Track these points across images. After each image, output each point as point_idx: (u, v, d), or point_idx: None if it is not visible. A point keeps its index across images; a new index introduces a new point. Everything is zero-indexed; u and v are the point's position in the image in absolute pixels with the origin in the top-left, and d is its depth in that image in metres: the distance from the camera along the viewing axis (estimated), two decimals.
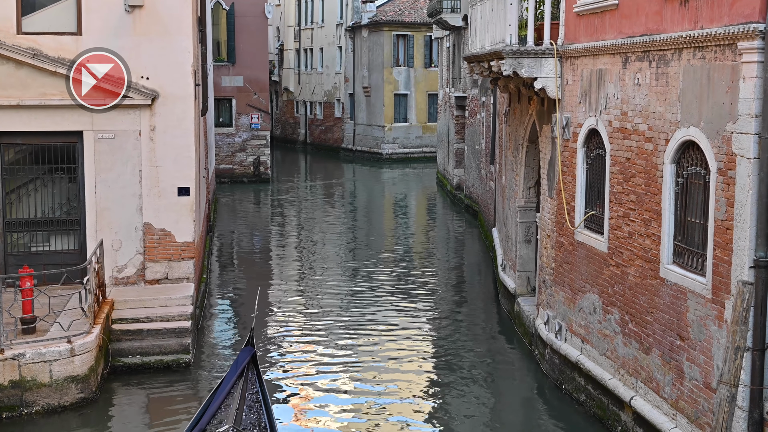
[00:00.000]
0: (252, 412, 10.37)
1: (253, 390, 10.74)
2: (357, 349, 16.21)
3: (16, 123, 15.71)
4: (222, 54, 40.55)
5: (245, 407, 10.36)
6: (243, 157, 41.44)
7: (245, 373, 10.83)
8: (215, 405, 10.43)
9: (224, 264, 24.34)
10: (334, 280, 21.97)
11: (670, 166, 10.73)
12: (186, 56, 16.45)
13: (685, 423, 10.40)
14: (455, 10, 34.06)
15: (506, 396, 14.41)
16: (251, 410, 10.40)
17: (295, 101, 61.98)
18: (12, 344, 12.83)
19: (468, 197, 32.19)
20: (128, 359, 14.71)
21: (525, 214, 17.19)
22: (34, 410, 12.80)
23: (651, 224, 11.20)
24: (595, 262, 12.93)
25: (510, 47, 14.10)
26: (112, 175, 16.11)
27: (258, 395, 10.70)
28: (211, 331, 17.48)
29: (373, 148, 52.37)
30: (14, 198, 16.28)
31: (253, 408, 10.46)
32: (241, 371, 10.82)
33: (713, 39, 9.58)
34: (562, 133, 14.02)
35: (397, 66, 51.49)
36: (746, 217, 9.12)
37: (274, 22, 59.87)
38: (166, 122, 16.28)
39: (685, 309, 10.38)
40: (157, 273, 16.45)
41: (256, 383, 10.87)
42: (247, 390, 10.67)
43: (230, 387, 10.66)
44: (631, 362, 11.80)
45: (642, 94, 11.37)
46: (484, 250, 24.91)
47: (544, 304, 15.11)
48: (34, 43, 15.68)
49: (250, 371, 10.96)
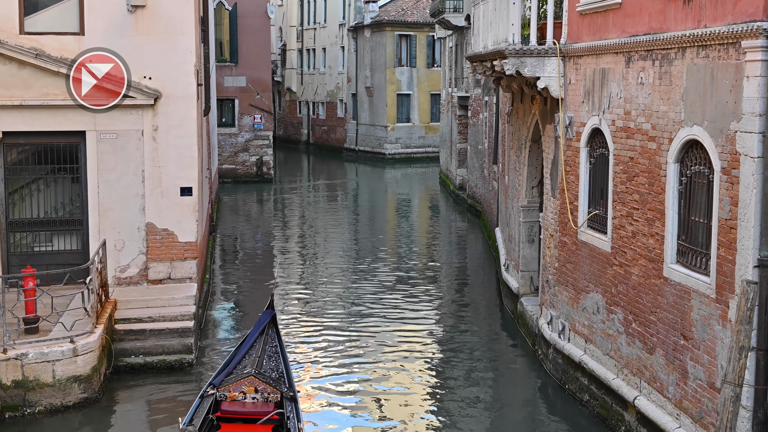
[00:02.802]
0: (271, 360, 12.03)
1: (272, 344, 12.44)
2: (360, 348, 16.19)
3: (18, 123, 15.71)
4: (225, 54, 40.55)
5: (265, 356, 12.03)
6: (246, 158, 41.45)
7: (266, 330, 12.55)
8: (240, 356, 12.06)
9: (227, 264, 24.33)
10: (336, 280, 21.95)
11: (673, 166, 10.71)
12: (188, 56, 16.44)
13: (689, 423, 10.37)
14: (458, 9, 34.04)
15: (509, 396, 14.38)
16: (270, 359, 12.07)
17: (297, 101, 61.99)
18: (15, 344, 12.83)
19: (471, 197, 32.16)
20: (131, 359, 14.72)
21: (528, 213, 17.17)
22: (37, 410, 12.80)
23: (654, 224, 11.17)
24: (598, 262, 12.90)
25: (513, 46, 14.08)
26: (115, 175, 16.11)
27: (277, 348, 12.42)
28: (214, 331, 17.47)
29: (375, 148, 52.36)
30: (17, 198, 16.28)
31: (272, 357, 12.14)
32: (262, 329, 12.52)
33: (717, 38, 9.55)
34: (565, 132, 13.99)
35: (399, 66, 51.48)
36: (750, 216, 9.09)
37: (277, 22, 59.86)
38: (169, 122, 16.28)
39: (688, 308, 10.35)
40: (160, 273, 16.45)
41: (276, 339, 12.58)
42: (267, 344, 12.35)
43: (253, 341, 12.32)
44: (634, 362, 11.77)
45: (645, 93, 11.35)
46: (487, 250, 24.89)
47: (547, 303, 15.09)
48: (37, 43, 15.69)
49: (270, 329, 12.68)
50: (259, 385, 11.28)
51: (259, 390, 11.25)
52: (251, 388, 11.21)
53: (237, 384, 11.29)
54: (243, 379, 11.31)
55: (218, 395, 11.24)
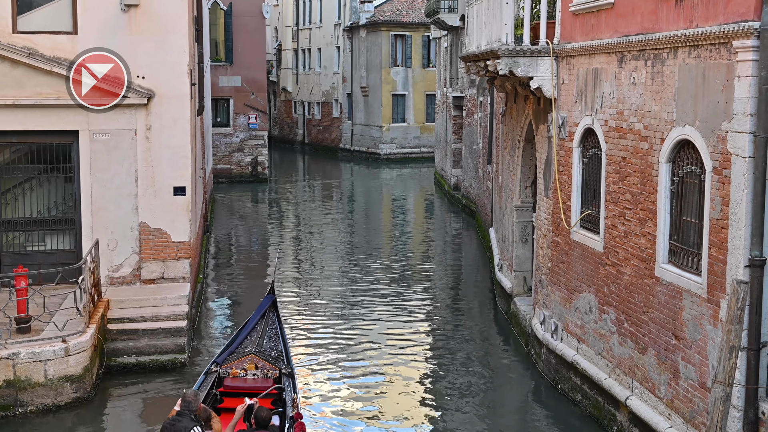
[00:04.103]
0: (271, 341, 12.80)
1: (272, 326, 13.13)
2: (352, 347, 16.18)
3: (11, 122, 15.67)
4: (220, 54, 40.53)
5: (266, 337, 12.83)
6: (240, 157, 41.42)
7: (267, 314, 13.22)
8: (242, 337, 12.80)
9: (221, 264, 24.30)
10: (331, 280, 21.95)
11: (665, 165, 10.71)
12: (182, 56, 16.41)
13: (680, 422, 10.38)
14: (453, 10, 34.05)
15: (502, 396, 14.38)
16: (270, 339, 12.83)
17: (293, 101, 61.96)
18: (6, 344, 12.80)
19: (465, 197, 32.17)
20: (123, 359, 14.69)
21: (521, 213, 17.18)
22: (29, 410, 12.77)
23: (646, 223, 11.18)
24: (591, 262, 12.91)
25: (506, 46, 14.08)
26: (108, 174, 16.08)
27: (276, 330, 13.11)
28: (207, 331, 17.45)
29: (371, 149, 52.35)
30: (9, 197, 16.25)
31: (272, 338, 12.89)
32: (263, 313, 13.18)
33: (708, 38, 9.56)
34: (558, 132, 14.00)
35: (395, 66, 51.48)
36: (741, 216, 9.10)
37: (272, 22, 59.79)
38: (162, 122, 16.25)
39: (680, 308, 10.36)
40: (153, 272, 16.42)
41: (276, 321, 13.24)
42: (268, 326, 13.08)
43: (254, 324, 13.02)
44: (626, 362, 11.78)
45: (637, 93, 11.36)
46: (482, 249, 24.89)
47: (540, 303, 15.09)
48: (30, 42, 15.65)
49: (271, 313, 13.33)
50: (259, 362, 12.13)
51: (259, 367, 12.10)
52: (252, 365, 12.10)
53: (239, 361, 12.15)
54: (244, 357, 12.18)
55: (221, 372, 12.04)
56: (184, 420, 9.06)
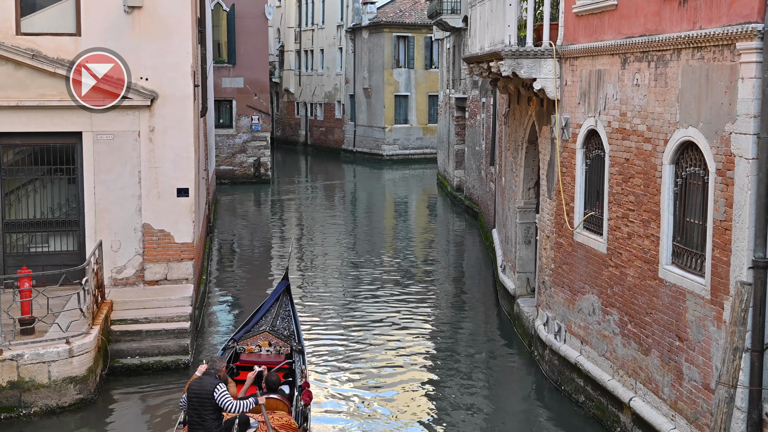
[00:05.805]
0: (284, 322, 13.63)
1: (285, 308, 13.94)
2: (355, 347, 16.19)
3: (15, 124, 15.69)
4: (222, 55, 40.56)
5: (279, 318, 13.65)
6: (243, 159, 41.44)
7: (281, 297, 14.04)
8: (257, 318, 13.69)
9: (224, 265, 24.32)
10: (334, 281, 21.96)
11: (669, 167, 10.72)
12: (185, 57, 16.44)
13: (684, 424, 10.38)
14: (455, 11, 34.05)
15: (505, 397, 14.38)
16: (283, 320, 13.65)
17: (295, 102, 61.98)
18: (10, 345, 12.82)
19: (468, 198, 32.17)
20: (127, 360, 14.71)
21: (524, 215, 17.18)
22: (33, 411, 12.79)
23: (650, 225, 11.18)
24: (594, 263, 12.91)
25: (509, 48, 14.08)
26: (111, 176, 16.10)
27: (289, 312, 13.94)
28: (211, 332, 17.46)
29: (373, 150, 52.36)
30: (13, 199, 16.27)
31: (285, 319, 13.71)
32: (278, 297, 14.01)
33: (712, 39, 9.56)
34: (562, 133, 14.00)
35: (397, 67, 51.50)
36: (745, 217, 9.10)
37: (275, 23, 59.89)
38: (165, 123, 16.27)
39: (683, 310, 10.36)
40: (157, 274, 16.44)
41: (289, 305, 14.08)
42: (281, 308, 13.88)
43: (269, 306, 13.87)
44: (630, 363, 11.77)
45: (641, 95, 11.36)
46: (484, 251, 24.89)
47: (543, 305, 15.09)
48: (33, 44, 15.68)
49: (285, 297, 14.14)
50: (273, 339, 13.10)
51: (272, 344, 13.06)
52: (266, 342, 13.06)
53: (254, 338, 13.15)
54: (259, 334, 13.19)
55: (238, 348, 13.00)
56: (210, 377, 9.96)
